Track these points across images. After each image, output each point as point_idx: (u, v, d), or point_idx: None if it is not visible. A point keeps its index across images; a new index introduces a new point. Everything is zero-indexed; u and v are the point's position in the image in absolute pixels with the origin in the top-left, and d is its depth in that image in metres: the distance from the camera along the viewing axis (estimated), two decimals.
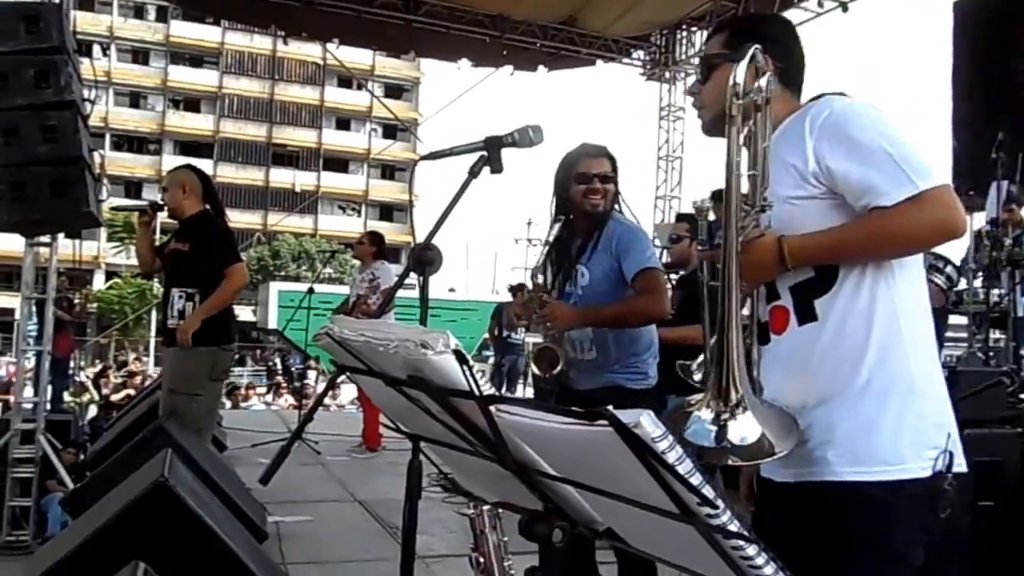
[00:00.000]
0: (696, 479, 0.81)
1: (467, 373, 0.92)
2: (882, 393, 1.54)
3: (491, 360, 13.94)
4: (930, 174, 1.50)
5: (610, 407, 0.80)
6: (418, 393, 0.99)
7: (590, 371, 3.01)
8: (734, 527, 0.83)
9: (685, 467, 0.80)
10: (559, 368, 2.90)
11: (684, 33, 11.73)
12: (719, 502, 0.82)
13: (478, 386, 0.92)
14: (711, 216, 2.18)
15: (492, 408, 0.92)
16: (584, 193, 2.97)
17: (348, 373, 1.16)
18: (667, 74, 12.42)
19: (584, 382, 3.03)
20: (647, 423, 0.78)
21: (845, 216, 1.57)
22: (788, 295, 1.62)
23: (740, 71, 1.49)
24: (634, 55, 12.27)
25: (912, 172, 1.49)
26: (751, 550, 0.85)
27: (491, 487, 1.22)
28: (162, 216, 5.01)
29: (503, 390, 9.85)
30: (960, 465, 1.55)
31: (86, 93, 4.93)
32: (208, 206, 4.71)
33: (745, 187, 1.50)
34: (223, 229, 4.71)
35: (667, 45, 12.00)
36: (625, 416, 0.79)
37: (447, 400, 0.96)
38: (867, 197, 1.52)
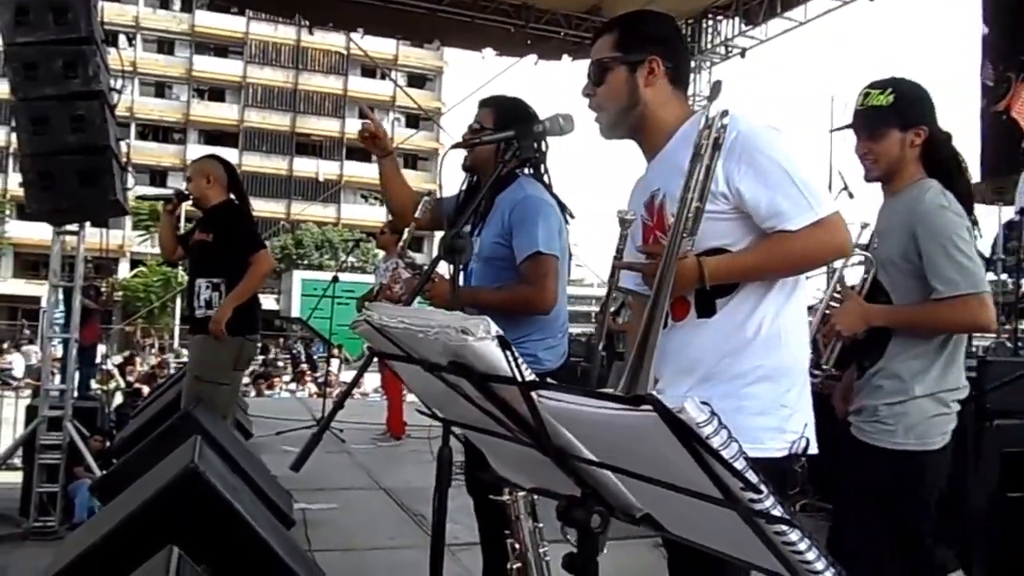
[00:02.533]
0: (740, 463, 0.81)
1: (510, 359, 0.92)
2: (754, 382, 1.73)
3: None
4: (826, 201, 1.71)
5: None
6: (457, 379, 1.00)
7: None
8: (777, 512, 0.83)
9: (730, 451, 0.80)
10: None
11: (710, 22, 11.62)
12: (763, 487, 0.82)
13: (521, 371, 0.93)
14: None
15: (534, 393, 0.92)
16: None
17: (386, 360, 1.16)
18: (692, 63, 12.31)
19: None
20: (691, 408, 0.79)
21: (748, 229, 1.72)
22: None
23: (713, 109, 1.58)
24: None
25: (813, 199, 1.68)
26: (794, 535, 0.85)
27: (528, 473, 1.22)
28: (187, 205, 5.05)
29: None
30: (813, 449, 1.76)
31: (112, 83, 4.98)
32: (232, 196, 4.73)
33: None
34: (246, 218, 4.72)
35: (692, 34, 11.88)
36: (668, 401, 0.79)
37: (487, 386, 0.96)
38: (773, 220, 1.69)
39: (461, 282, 2.60)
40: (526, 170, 2.74)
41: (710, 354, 1.75)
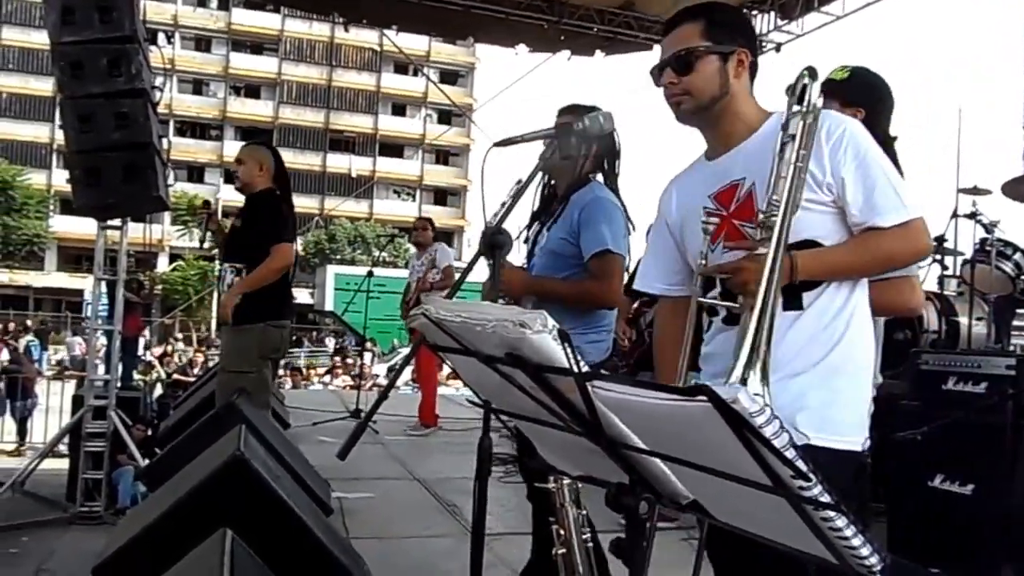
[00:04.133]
0: (791, 452, 0.84)
1: (567, 351, 0.96)
2: (845, 376, 1.76)
3: None
4: (916, 205, 1.76)
5: None
6: (512, 370, 1.03)
7: None
8: (826, 499, 0.86)
9: (781, 441, 0.83)
10: None
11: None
12: (812, 475, 0.85)
13: (578, 363, 0.96)
14: None
15: (588, 385, 0.95)
16: None
17: (442, 352, 1.20)
18: None
19: None
20: (744, 398, 0.82)
21: (840, 225, 1.77)
22: None
23: (815, 91, 1.69)
24: None
25: (905, 201, 1.74)
26: (840, 522, 0.88)
27: (574, 461, 1.26)
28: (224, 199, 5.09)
29: None
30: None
31: (153, 80, 5.07)
32: (276, 186, 4.68)
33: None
34: (280, 209, 4.60)
35: None
36: (722, 391, 0.82)
37: (543, 377, 1.00)
38: (868, 215, 1.73)
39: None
40: (599, 176, 2.86)
41: (799, 349, 1.75)
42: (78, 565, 3.61)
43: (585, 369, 0.96)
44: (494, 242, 2.01)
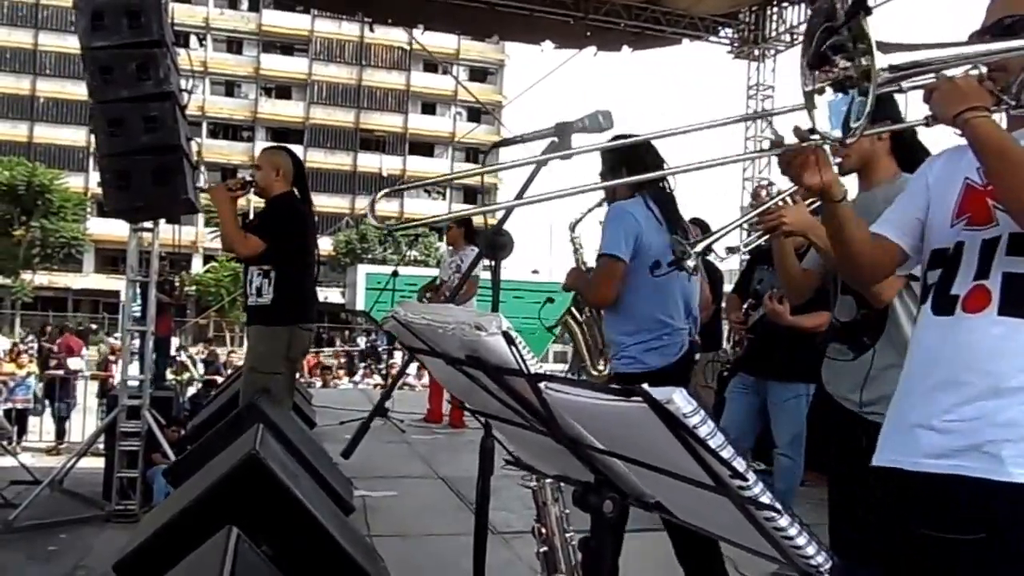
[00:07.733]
0: (727, 452, 0.85)
1: (515, 353, 0.98)
2: None
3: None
4: None
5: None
6: (476, 371, 1.06)
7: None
8: (766, 499, 0.87)
9: (716, 441, 0.84)
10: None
11: (775, 9, 11.42)
12: (749, 475, 0.86)
13: (526, 365, 0.98)
14: None
15: (541, 385, 0.97)
16: None
17: (413, 353, 1.23)
18: (756, 52, 12.10)
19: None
20: (679, 399, 0.83)
21: None
22: (999, 279, 1.50)
23: None
24: (721, 33, 12.00)
25: None
26: (783, 521, 0.89)
27: (549, 461, 1.28)
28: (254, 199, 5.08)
29: None
30: None
31: (184, 83, 5.14)
32: (296, 190, 4.67)
33: None
34: (298, 212, 4.60)
35: (756, 22, 11.71)
36: (658, 392, 0.84)
37: (501, 378, 1.02)
38: None
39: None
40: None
41: (1014, 363, 1.46)
42: (114, 562, 3.69)
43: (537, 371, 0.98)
44: (495, 243, 2.03)
